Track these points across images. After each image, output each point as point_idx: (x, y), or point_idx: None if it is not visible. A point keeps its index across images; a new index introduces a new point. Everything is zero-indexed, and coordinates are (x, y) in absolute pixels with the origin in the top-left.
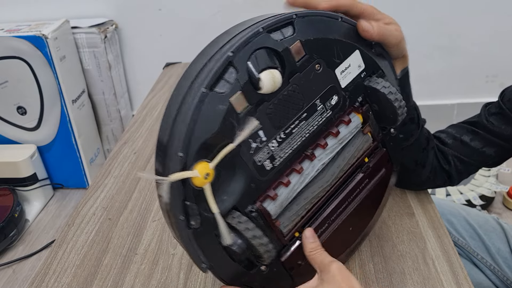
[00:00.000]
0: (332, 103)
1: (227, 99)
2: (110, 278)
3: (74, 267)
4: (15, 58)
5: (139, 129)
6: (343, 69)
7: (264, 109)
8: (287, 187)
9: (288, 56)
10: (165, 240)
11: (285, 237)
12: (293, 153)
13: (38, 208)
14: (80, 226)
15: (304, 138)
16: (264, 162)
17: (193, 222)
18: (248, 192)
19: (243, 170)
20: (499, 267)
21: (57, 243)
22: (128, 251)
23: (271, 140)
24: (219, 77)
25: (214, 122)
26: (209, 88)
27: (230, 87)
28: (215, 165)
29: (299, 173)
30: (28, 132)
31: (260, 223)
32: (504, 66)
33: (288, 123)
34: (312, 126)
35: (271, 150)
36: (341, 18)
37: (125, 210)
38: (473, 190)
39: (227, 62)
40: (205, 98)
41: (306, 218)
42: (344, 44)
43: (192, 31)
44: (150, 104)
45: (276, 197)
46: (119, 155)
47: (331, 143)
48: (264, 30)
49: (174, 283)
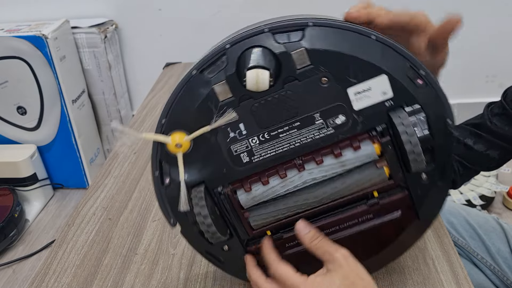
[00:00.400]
0: (337, 122)
1: (210, 85)
2: (110, 278)
3: (74, 267)
4: (15, 58)
5: (139, 129)
6: (359, 91)
7: (248, 105)
8: (264, 185)
9: (287, 61)
10: (165, 240)
11: (253, 230)
12: (278, 156)
13: (38, 208)
14: (80, 226)
15: (293, 146)
16: (241, 154)
17: (166, 181)
18: (219, 175)
19: (217, 154)
20: (499, 267)
21: (57, 243)
22: (128, 251)
23: (252, 136)
24: (210, 64)
25: (192, 102)
26: (199, 71)
27: (217, 75)
28: (189, 139)
29: (281, 178)
30: (28, 132)
31: (226, 207)
32: (503, 66)
33: (276, 126)
34: (305, 137)
35: (250, 145)
36: (375, 36)
37: (125, 210)
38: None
39: (222, 51)
40: (191, 79)
41: (283, 223)
42: (366, 64)
43: (192, 31)
44: (150, 104)
45: (249, 190)
46: (119, 155)
47: (328, 162)
48: (268, 31)
49: (174, 283)
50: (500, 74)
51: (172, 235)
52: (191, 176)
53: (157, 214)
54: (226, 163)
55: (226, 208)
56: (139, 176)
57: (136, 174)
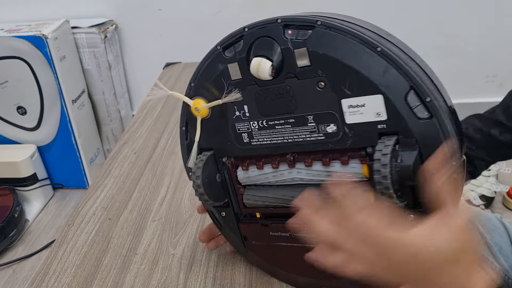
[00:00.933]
0: (328, 130)
1: (226, 63)
2: (110, 278)
3: (74, 267)
4: (15, 58)
5: (139, 129)
6: (353, 105)
7: (253, 90)
8: (258, 169)
9: (289, 57)
10: (165, 240)
11: (245, 207)
12: (273, 146)
13: (38, 208)
14: (80, 226)
15: (286, 141)
16: (243, 133)
17: (188, 137)
18: (224, 147)
19: (225, 128)
20: (501, 266)
21: (57, 243)
22: (128, 251)
23: (253, 120)
24: (231, 43)
25: (211, 74)
26: (222, 48)
27: (232, 56)
28: (207, 107)
29: (273, 168)
30: (28, 132)
31: (226, 176)
32: (503, 66)
33: (273, 117)
34: (298, 136)
35: (251, 128)
36: (381, 49)
37: (125, 210)
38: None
39: (240, 35)
40: (214, 53)
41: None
42: (363, 79)
43: (192, 31)
44: (150, 104)
45: (246, 169)
46: (119, 155)
47: (317, 168)
48: (280, 23)
49: (174, 283)
50: (500, 74)
51: (172, 235)
52: (204, 140)
53: (157, 214)
54: (230, 138)
55: (226, 178)
56: (139, 176)
57: (136, 174)
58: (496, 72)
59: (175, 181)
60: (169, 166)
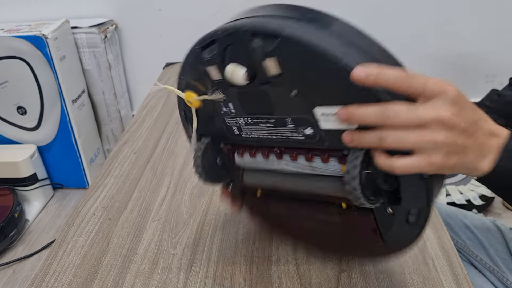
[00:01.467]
0: (306, 132)
1: (205, 66)
2: (110, 278)
3: (74, 267)
4: (15, 58)
5: (139, 129)
6: (326, 113)
7: (234, 90)
8: (250, 157)
9: (260, 66)
10: (165, 240)
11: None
12: (260, 139)
13: (38, 208)
14: (80, 226)
15: (271, 138)
16: (232, 127)
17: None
18: (220, 135)
19: (217, 119)
20: (498, 268)
21: (57, 243)
22: (128, 251)
23: (239, 116)
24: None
25: (195, 73)
26: (200, 48)
27: (211, 58)
28: (198, 99)
29: (264, 158)
30: (28, 132)
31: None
32: (503, 66)
33: (256, 116)
34: (280, 134)
35: (239, 123)
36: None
37: (125, 210)
38: (473, 190)
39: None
40: (193, 53)
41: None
42: (332, 91)
43: (192, 31)
44: (150, 104)
45: (242, 156)
46: (119, 155)
47: (301, 162)
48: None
49: (174, 283)
50: (500, 73)
51: (172, 235)
52: (201, 127)
53: (157, 214)
54: (223, 129)
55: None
56: (139, 176)
57: (136, 174)
58: (496, 72)
59: (175, 181)
60: (169, 166)
